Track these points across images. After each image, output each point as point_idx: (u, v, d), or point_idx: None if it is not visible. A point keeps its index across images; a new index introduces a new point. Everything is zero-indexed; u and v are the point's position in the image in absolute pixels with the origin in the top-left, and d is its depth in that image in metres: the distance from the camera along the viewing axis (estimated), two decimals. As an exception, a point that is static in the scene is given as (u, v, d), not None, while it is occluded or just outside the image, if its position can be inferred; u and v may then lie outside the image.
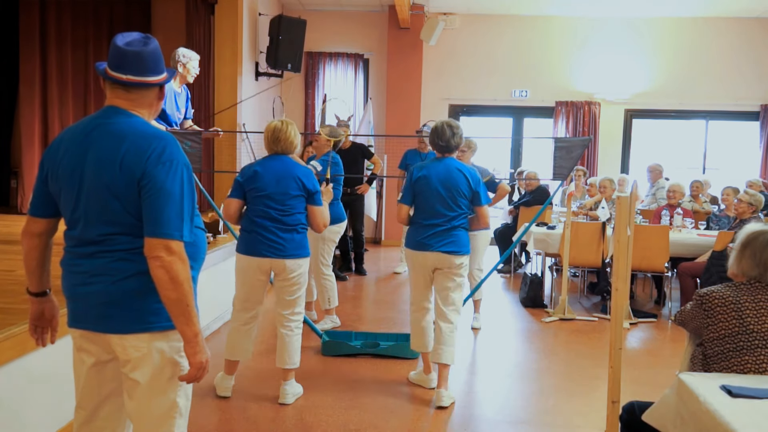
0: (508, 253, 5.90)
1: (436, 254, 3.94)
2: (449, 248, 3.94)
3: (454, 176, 3.94)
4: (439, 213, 3.94)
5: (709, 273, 5.69)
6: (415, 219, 4.04)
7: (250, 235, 3.80)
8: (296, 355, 3.92)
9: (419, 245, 3.98)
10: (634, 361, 4.92)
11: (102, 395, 2.12)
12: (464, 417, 3.85)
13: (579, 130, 10.17)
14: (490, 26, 10.31)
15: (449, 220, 3.95)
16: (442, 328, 4.01)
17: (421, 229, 3.98)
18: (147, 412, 2.04)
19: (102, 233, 1.96)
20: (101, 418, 2.13)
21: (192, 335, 1.93)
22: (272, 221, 3.76)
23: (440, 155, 4.04)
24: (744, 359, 2.34)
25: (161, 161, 1.92)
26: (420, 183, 3.96)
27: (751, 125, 10.21)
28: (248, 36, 8.34)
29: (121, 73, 1.99)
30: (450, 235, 3.95)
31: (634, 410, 2.66)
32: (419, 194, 3.98)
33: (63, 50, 7.57)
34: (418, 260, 4.02)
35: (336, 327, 5.50)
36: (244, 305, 3.93)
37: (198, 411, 3.67)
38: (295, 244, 3.81)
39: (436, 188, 3.92)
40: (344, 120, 8.32)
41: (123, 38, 2.00)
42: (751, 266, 2.44)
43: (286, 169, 3.78)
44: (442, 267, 3.98)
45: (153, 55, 2.02)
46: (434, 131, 4.01)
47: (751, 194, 6.24)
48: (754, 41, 9.98)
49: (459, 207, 3.96)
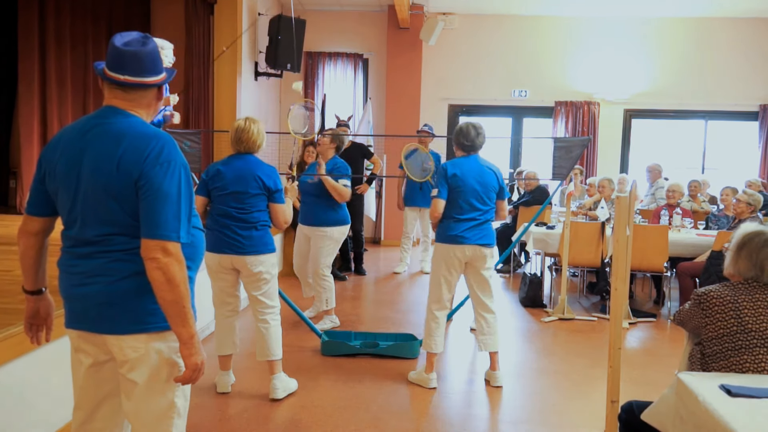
0: (507, 252, 5.90)
1: (472, 247, 4.12)
2: (484, 241, 4.15)
3: (486, 173, 4.16)
4: (475, 207, 4.12)
5: (708, 273, 5.69)
6: (450, 214, 4.15)
7: (213, 233, 3.86)
8: (275, 347, 3.96)
9: (455, 239, 4.12)
10: (633, 361, 4.92)
11: (100, 396, 2.11)
12: (463, 416, 3.85)
13: (578, 130, 10.17)
14: (489, 26, 10.31)
15: (483, 214, 4.15)
16: (487, 318, 4.28)
17: (457, 224, 4.12)
18: (145, 412, 2.03)
19: (99, 234, 1.96)
20: (99, 418, 2.13)
21: (188, 337, 1.93)
22: (232, 219, 3.81)
23: (465, 154, 4.21)
24: (742, 358, 2.34)
25: (159, 162, 1.92)
26: (455, 179, 4.10)
27: (750, 125, 10.22)
28: (247, 36, 8.34)
29: (119, 74, 1.99)
30: (484, 228, 4.17)
31: (633, 410, 2.66)
32: (454, 190, 4.12)
33: (62, 49, 7.55)
34: (455, 254, 4.14)
35: (335, 327, 5.50)
36: (218, 300, 4.03)
37: (197, 410, 3.66)
38: (255, 241, 3.83)
39: (472, 185, 4.10)
40: (344, 120, 8.33)
41: (121, 38, 2.00)
42: (748, 267, 2.44)
43: (248, 168, 3.80)
44: (477, 260, 4.17)
45: (151, 55, 2.01)
46: (460, 132, 4.20)
47: (749, 194, 6.24)
48: (754, 41, 9.98)
49: (491, 201, 4.18)
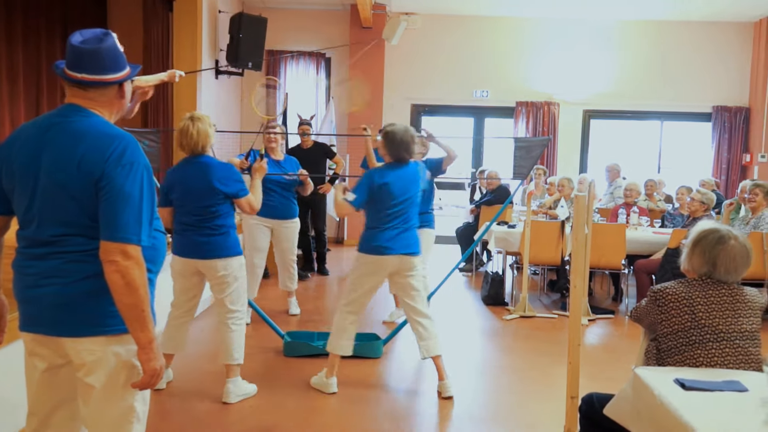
0: (469, 251, 5.95)
1: (399, 257, 3.96)
2: (410, 250, 3.99)
3: (412, 179, 4.01)
4: (399, 215, 3.97)
5: (663, 270, 5.82)
6: (374, 223, 3.99)
7: (178, 236, 3.85)
8: (235, 351, 3.88)
9: (380, 249, 3.94)
10: (592, 357, 5.01)
11: (55, 401, 2.06)
12: (426, 415, 3.86)
13: (539, 130, 10.31)
14: (451, 26, 10.37)
15: (408, 221, 4.01)
16: (423, 323, 4.05)
17: (382, 233, 3.94)
18: (103, 417, 1.99)
19: (56, 234, 1.92)
20: (54, 425, 2.08)
21: (146, 341, 1.90)
22: (194, 226, 3.77)
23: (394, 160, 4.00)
24: (696, 353, 2.41)
25: (121, 163, 1.88)
26: (382, 190, 3.91)
27: (703, 126, 10.50)
28: (208, 33, 8.23)
29: (77, 72, 1.94)
30: (409, 236, 4.01)
31: (593, 402, 2.71)
32: (379, 201, 3.93)
33: (13, 47, 7.32)
34: (380, 265, 3.98)
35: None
36: (177, 301, 4.00)
37: (156, 415, 3.61)
38: (218, 246, 3.77)
39: (397, 192, 3.93)
40: (306, 119, 8.28)
41: (79, 36, 1.95)
42: (701, 263, 2.51)
43: (202, 177, 3.69)
44: (404, 269, 4.01)
45: (110, 52, 1.97)
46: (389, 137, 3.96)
47: (703, 193, 6.41)
48: (707, 45, 10.25)
49: (416, 207, 4.06)
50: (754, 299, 2.48)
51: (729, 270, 2.47)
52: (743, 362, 2.39)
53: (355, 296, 4.07)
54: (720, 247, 2.48)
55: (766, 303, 2.57)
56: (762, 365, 2.35)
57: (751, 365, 2.40)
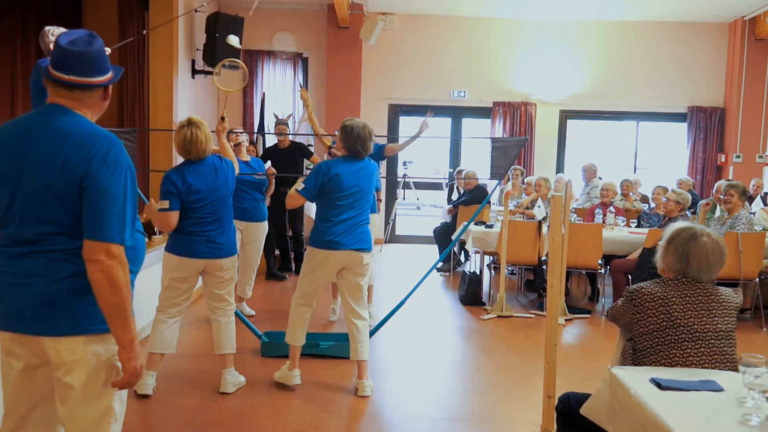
0: (447, 251, 5.95)
1: (348, 253, 3.96)
2: (360, 245, 4.01)
3: (364, 174, 3.99)
4: (351, 208, 3.97)
5: (639, 269, 5.88)
6: (325, 216, 3.97)
7: (190, 237, 3.85)
8: (233, 341, 4.08)
9: (330, 244, 3.93)
10: (569, 357, 5.04)
11: (31, 401, 2.05)
12: (404, 415, 3.86)
13: (516, 130, 10.36)
14: (429, 27, 10.38)
15: (359, 216, 4.02)
16: (358, 325, 4.07)
17: (334, 227, 3.93)
18: (81, 417, 1.99)
19: (38, 233, 1.92)
20: (31, 425, 2.07)
21: (128, 341, 1.92)
22: (211, 225, 3.88)
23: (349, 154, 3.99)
24: (671, 353, 2.43)
25: (106, 163, 1.90)
26: (332, 181, 3.88)
27: (678, 126, 10.62)
28: (184, 33, 8.15)
29: (63, 74, 1.95)
30: (361, 232, 4.02)
31: (570, 402, 2.73)
32: (330, 192, 3.90)
33: (-14, 44, 7.21)
34: (330, 260, 3.98)
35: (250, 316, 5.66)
36: (171, 302, 4.00)
37: (133, 414, 3.56)
38: (231, 244, 4.02)
39: (347, 184, 3.90)
40: (283, 119, 8.24)
41: (67, 37, 1.96)
42: (675, 260, 2.54)
43: (220, 175, 3.89)
44: (354, 265, 4.02)
45: (97, 55, 1.98)
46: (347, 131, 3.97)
47: (678, 193, 6.48)
48: (681, 45, 10.38)
49: (367, 202, 4.08)
50: (729, 299, 2.51)
51: (702, 266, 2.49)
52: (719, 362, 2.42)
53: (308, 290, 4.12)
54: (692, 243, 2.51)
55: (741, 303, 2.60)
56: (737, 365, 2.38)
57: (727, 365, 2.43)
